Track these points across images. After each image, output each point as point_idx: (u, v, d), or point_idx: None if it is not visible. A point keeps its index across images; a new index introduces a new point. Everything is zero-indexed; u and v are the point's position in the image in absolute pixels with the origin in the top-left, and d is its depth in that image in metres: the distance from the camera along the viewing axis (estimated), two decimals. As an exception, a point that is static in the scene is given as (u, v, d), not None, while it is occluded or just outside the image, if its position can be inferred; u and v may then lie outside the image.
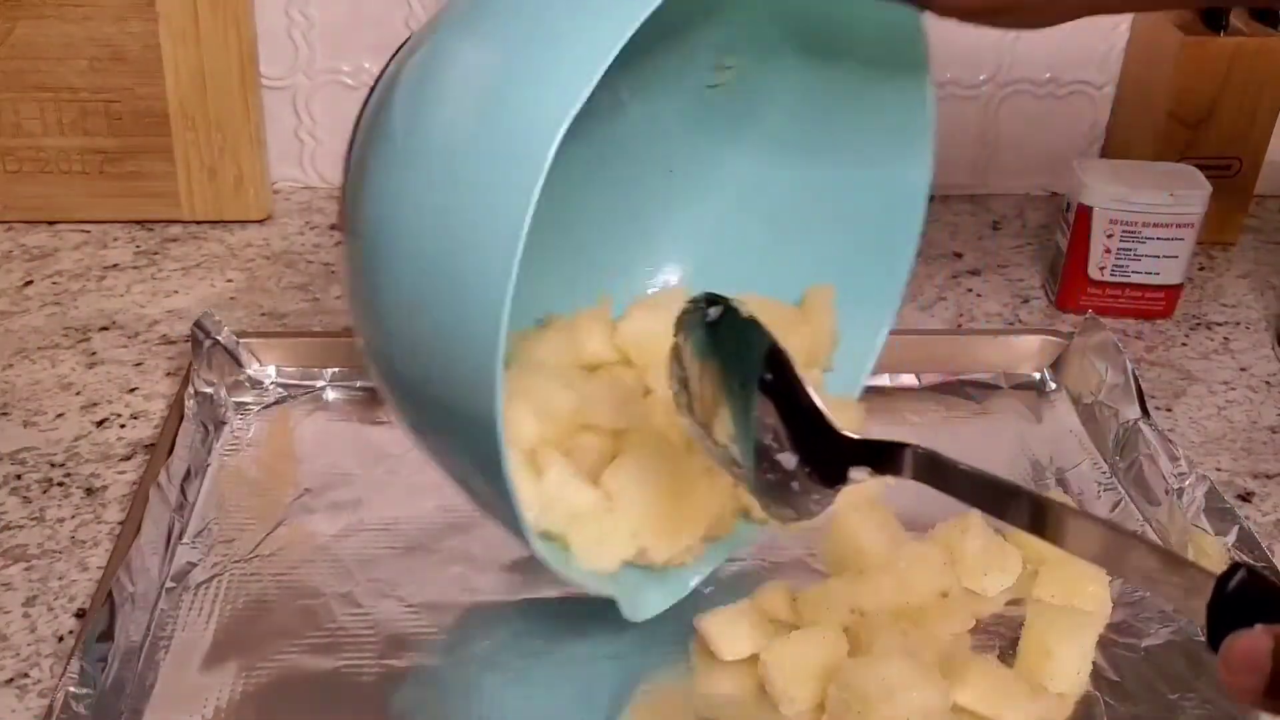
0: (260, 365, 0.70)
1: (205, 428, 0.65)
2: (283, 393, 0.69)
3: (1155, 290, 0.79)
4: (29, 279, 0.81)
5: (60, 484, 0.62)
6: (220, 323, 0.69)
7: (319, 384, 0.70)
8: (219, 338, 0.68)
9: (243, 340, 0.69)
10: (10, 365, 0.72)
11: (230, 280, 0.82)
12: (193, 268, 0.83)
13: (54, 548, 0.58)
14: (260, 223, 0.89)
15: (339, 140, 0.87)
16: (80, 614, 0.54)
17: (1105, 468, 0.66)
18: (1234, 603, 0.36)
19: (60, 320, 0.77)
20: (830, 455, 0.47)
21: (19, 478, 0.63)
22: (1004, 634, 0.55)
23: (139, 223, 0.88)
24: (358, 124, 0.50)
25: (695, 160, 0.65)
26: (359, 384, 0.69)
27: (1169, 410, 0.71)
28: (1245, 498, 0.64)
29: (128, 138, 0.85)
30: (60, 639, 0.53)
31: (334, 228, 0.52)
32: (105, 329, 0.76)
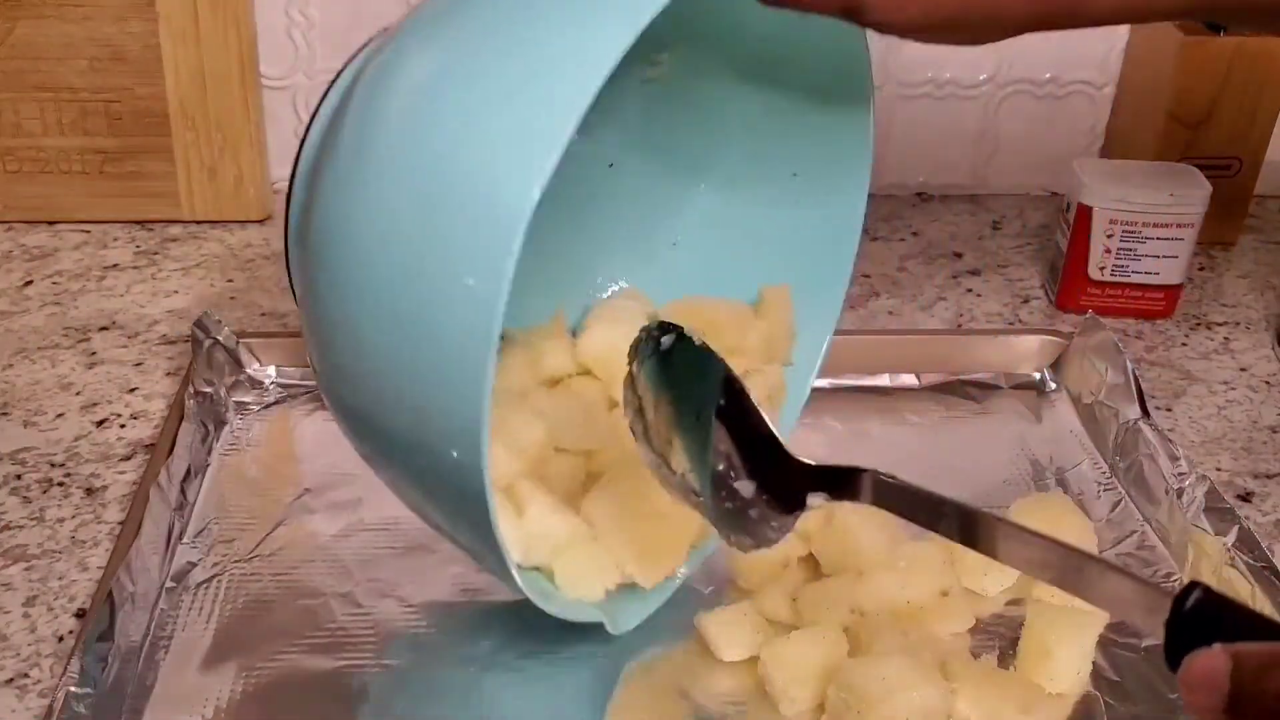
0: (260, 365, 0.70)
1: (205, 428, 0.65)
2: (283, 393, 0.69)
3: (1155, 290, 0.79)
4: (29, 279, 0.81)
5: (60, 484, 0.62)
6: (220, 323, 0.69)
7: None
8: (219, 338, 0.68)
9: (243, 340, 0.69)
10: (10, 365, 0.72)
11: (230, 280, 0.82)
12: (193, 268, 0.83)
13: (54, 548, 0.58)
14: (260, 223, 0.89)
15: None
16: (80, 614, 0.54)
17: (1105, 468, 0.66)
18: (1192, 621, 0.36)
19: (60, 320, 0.77)
20: (787, 482, 0.47)
21: (19, 478, 0.63)
22: (1004, 634, 0.55)
23: (139, 223, 0.88)
24: (298, 162, 0.48)
25: (639, 168, 0.65)
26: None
27: (1169, 410, 0.71)
28: (1245, 498, 0.64)
29: (128, 138, 0.85)
30: (60, 639, 0.53)
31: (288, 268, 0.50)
32: (105, 329, 0.76)
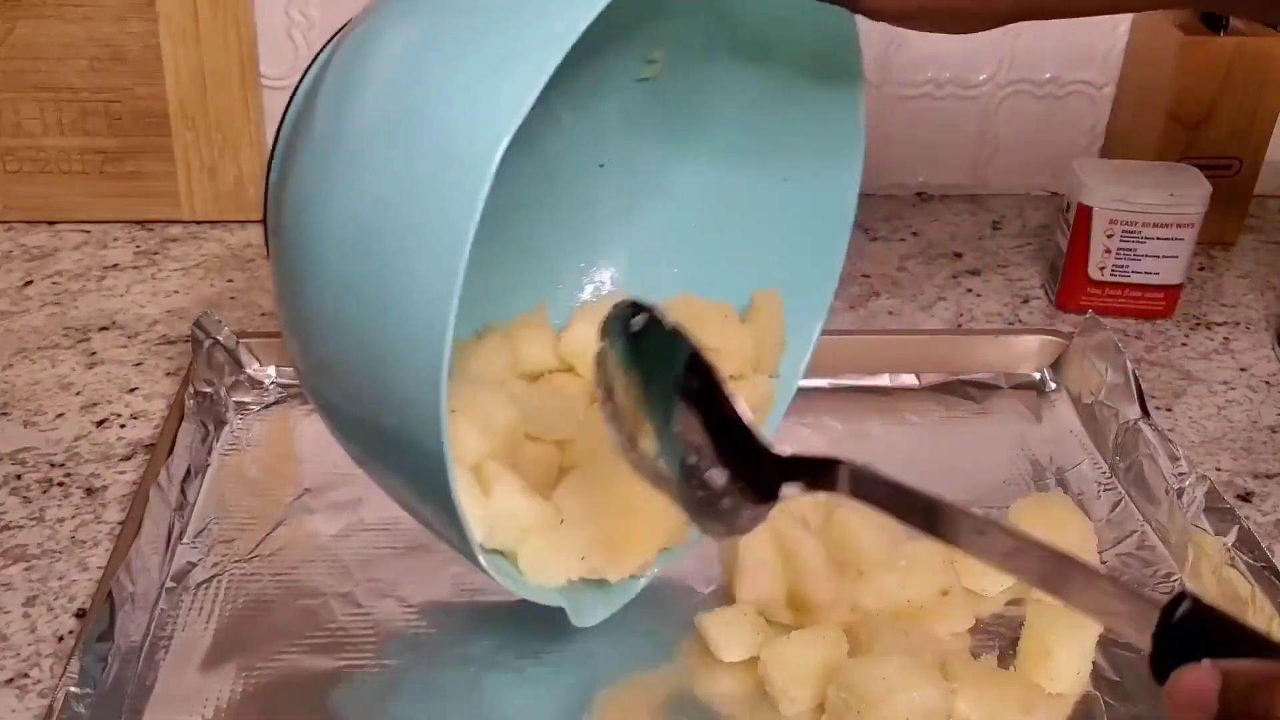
0: (260, 365, 0.70)
1: (205, 428, 0.65)
2: (283, 393, 0.69)
3: (1155, 290, 0.79)
4: (29, 279, 0.81)
5: (60, 484, 0.62)
6: (220, 323, 0.69)
7: (319, 384, 0.70)
8: (219, 338, 0.68)
9: (243, 340, 0.69)
10: (10, 365, 0.72)
11: (230, 280, 0.82)
12: (193, 268, 0.83)
13: (54, 548, 0.58)
14: (260, 223, 0.88)
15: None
16: (80, 614, 0.54)
17: (1105, 468, 0.66)
18: (1180, 634, 0.34)
19: (60, 320, 0.77)
20: (761, 472, 0.45)
21: (19, 478, 0.63)
22: (1004, 634, 0.55)
23: (139, 223, 0.88)
24: (278, 134, 0.48)
25: (629, 165, 0.65)
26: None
27: (1169, 410, 0.71)
28: (1245, 498, 0.64)
29: (128, 138, 0.85)
30: (60, 639, 0.53)
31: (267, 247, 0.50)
32: (105, 329, 0.76)
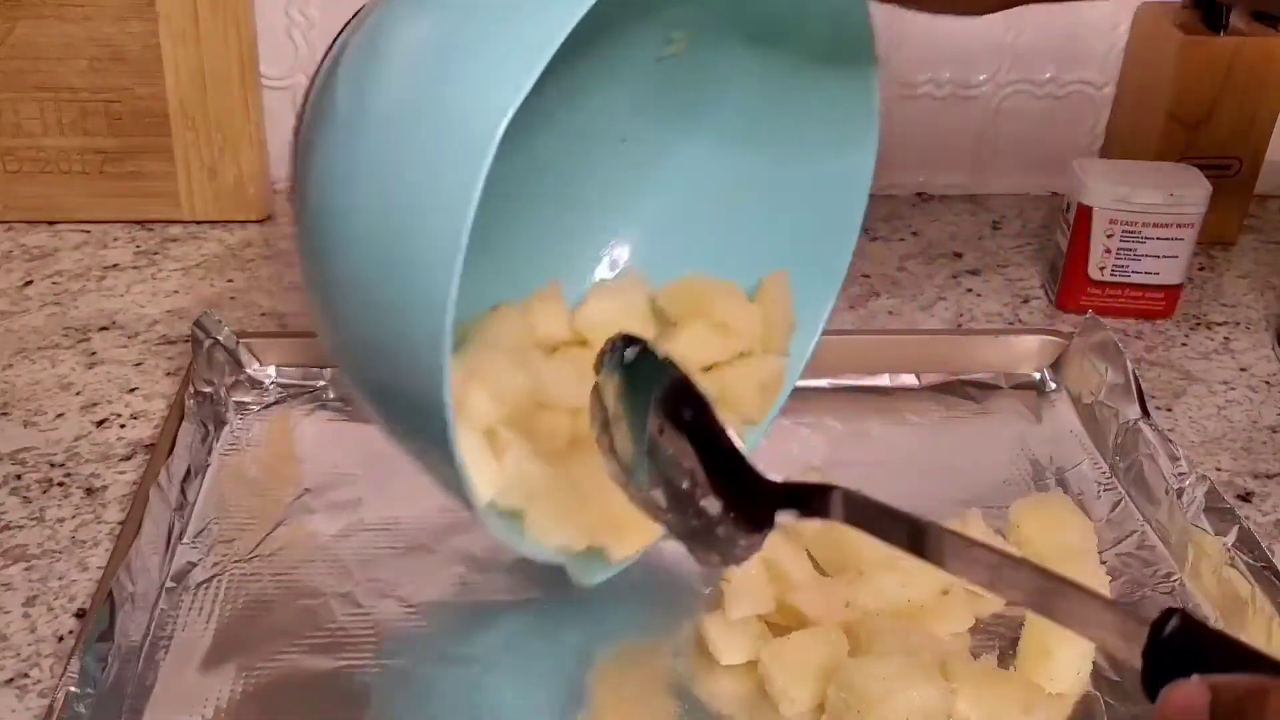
0: (260, 365, 0.70)
1: (205, 428, 0.65)
2: (283, 393, 0.69)
3: (1155, 290, 0.79)
4: (29, 279, 0.81)
5: (60, 484, 0.62)
6: (220, 323, 0.69)
7: (319, 384, 0.70)
8: (219, 338, 0.68)
9: (243, 340, 0.69)
10: (10, 365, 0.72)
11: (230, 280, 0.82)
12: (193, 268, 0.83)
13: (54, 548, 0.58)
14: (260, 223, 0.89)
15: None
16: (80, 614, 0.54)
17: (1105, 468, 0.66)
18: (1169, 649, 0.34)
19: (60, 320, 0.77)
20: (755, 500, 0.45)
21: (19, 478, 0.63)
22: (1004, 634, 0.55)
23: (139, 223, 0.88)
24: (304, 104, 0.49)
25: (645, 142, 0.65)
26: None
27: (1169, 410, 0.71)
28: (1245, 498, 0.64)
29: (128, 138, 0.85)
30: (60, 639, 0.53)
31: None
32: (105, 329, 0.76)
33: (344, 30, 0.49)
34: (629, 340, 0.46)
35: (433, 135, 0.42)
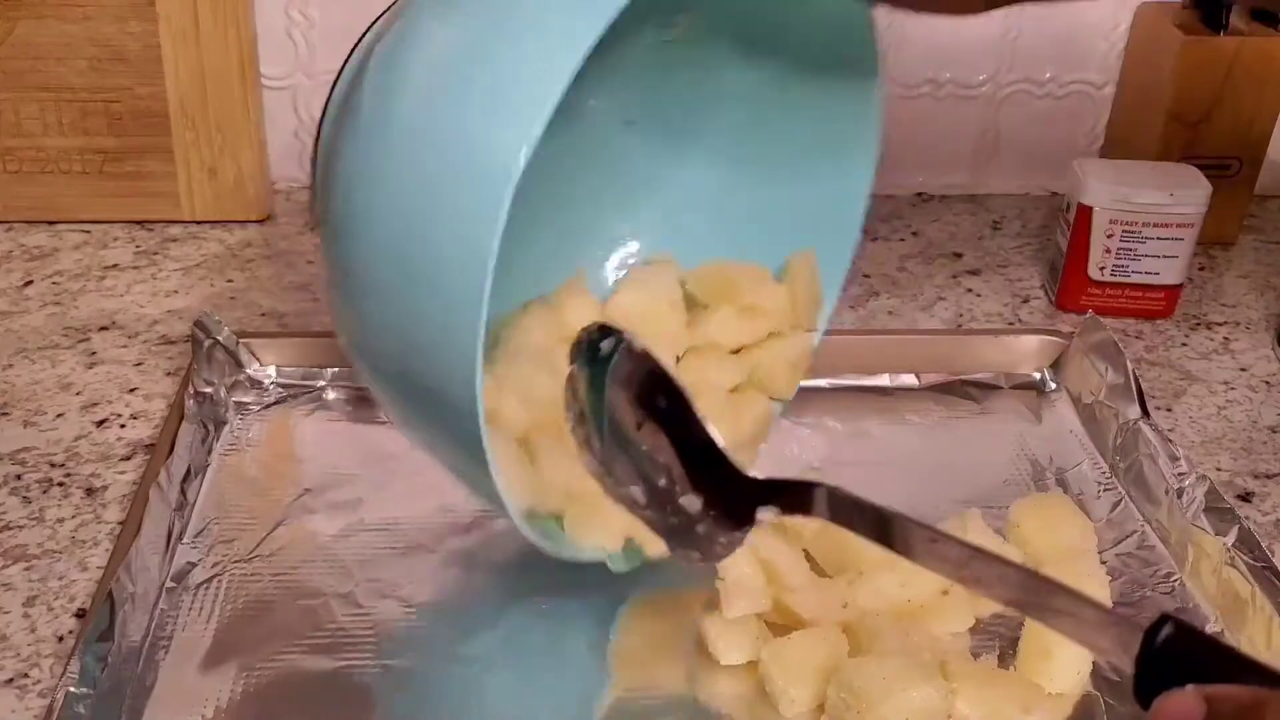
0: (260, 365, 0.70)
1: (205, 428, 0.65)
2: (283, 393, 0.69)
3: (1155, 290, 0.79)
4: (29, 279, 0.81)
5: (60, 484, 0.62)
6: (220, 323, 0.69)
7: (319, 384, 0.70)
8: (219, 338, 0.68)
9: (243, 340, 0.69)
10: (10, 365, 0.72)
11: (230, 280, 0.82)
12: (193, 268, 0.83)
13: (54, 548, 0.58)
14: (260, 223, 0.89)
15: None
16: (80, 614, 0.54)
17: (1105, 468, 0.66)
18: (1163, 657, 0.34)
19: (60, 320, 0.77)
20: (736, 496, 0.44)
21: (19, 478, 0.63)
22: (1004, 634, 0.55)
23: (139, 223, 0.88)
24: (326, 108, 0.49)
25: (657, 126, 0.65)
26: (359, 384, 0.69)
27: (1169, 410, 0.71)
28: (1245, 498, 0.64)
29: (128, 138, 0.85)
30: (60, 639, 0.53)
31: (308, 225, 0.52)
32: (105, 329, 0.76)
33: (369, 31, 0.49)
34: (605, 331, 0.45)
35: (459, 155, 0.43)
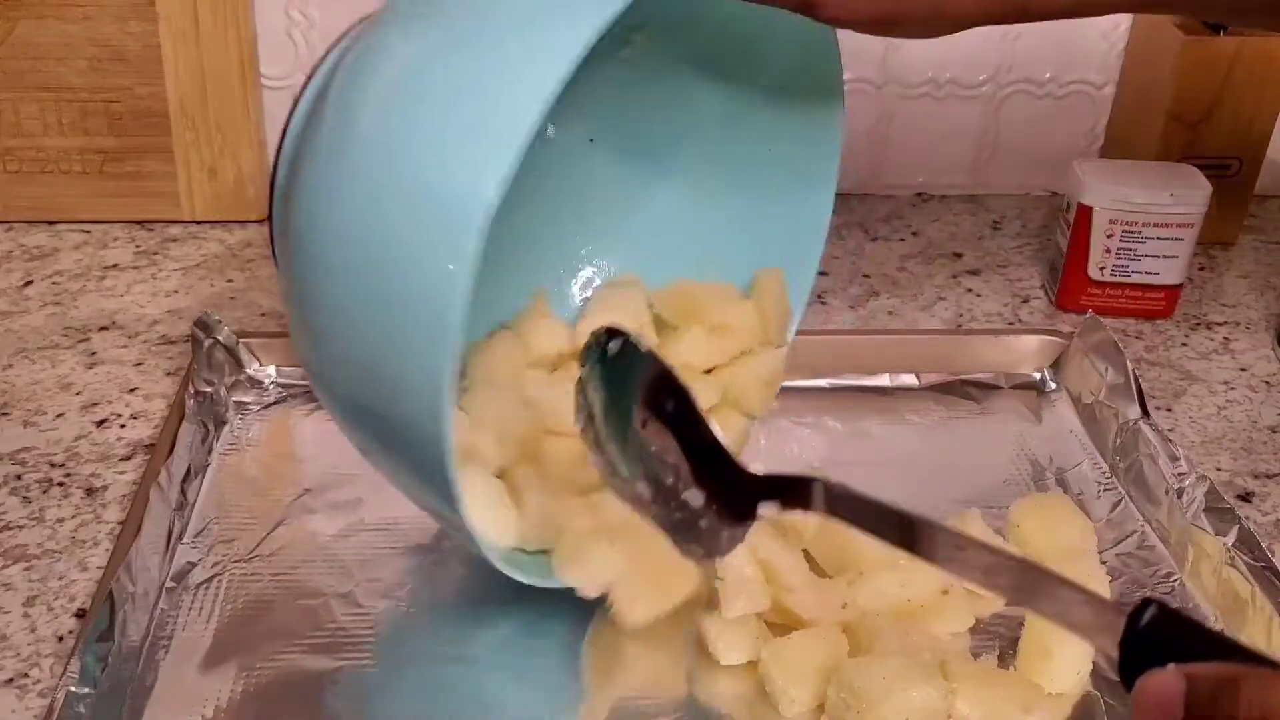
0: (260, 365, 0.70)
1: (205, 428, 0.65)
2: (283, 393, 0.69)
3: (1155, 290, 0.79)
4: (29, 279, 0.81)
5: (60, 484, 0.62)
6: (220, 323, 0.69)
7: (319, 384, 0.70)
8: (219, 338, 0.68)
9: (243, 340, 0.69)
10: (10, 365, 0.72)
11: (230, 280, 0.82)
12: (192, 268, 0.83)
13: (54, 548, 0.58)
14: (260, 222, 0.89)
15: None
16: (80, 614, 0.54)
17: (1105, 468, 0.66)
18: (1147, 640, 0.34)
19: (60, 320, 0.77)
20: (737, 491, 0.45)
21: (19, 478, 0.63)
22: (1004, 634, 0.55)
23: (139, 223, 0.88)
24: (288, 123, 0.49)
25: (619, 148, 0.65)
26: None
27: (1169, 410, 0.71)
28: (1245, 498, 0.64)
29: (128, 138, 0.85)
30: (60, 639, 0.53)
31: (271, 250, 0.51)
32: (105, 329, 0.76)
33: (335, 46, 0.48)
34: (612, 333, 0.46)
35: (429, 193, 0.42)
